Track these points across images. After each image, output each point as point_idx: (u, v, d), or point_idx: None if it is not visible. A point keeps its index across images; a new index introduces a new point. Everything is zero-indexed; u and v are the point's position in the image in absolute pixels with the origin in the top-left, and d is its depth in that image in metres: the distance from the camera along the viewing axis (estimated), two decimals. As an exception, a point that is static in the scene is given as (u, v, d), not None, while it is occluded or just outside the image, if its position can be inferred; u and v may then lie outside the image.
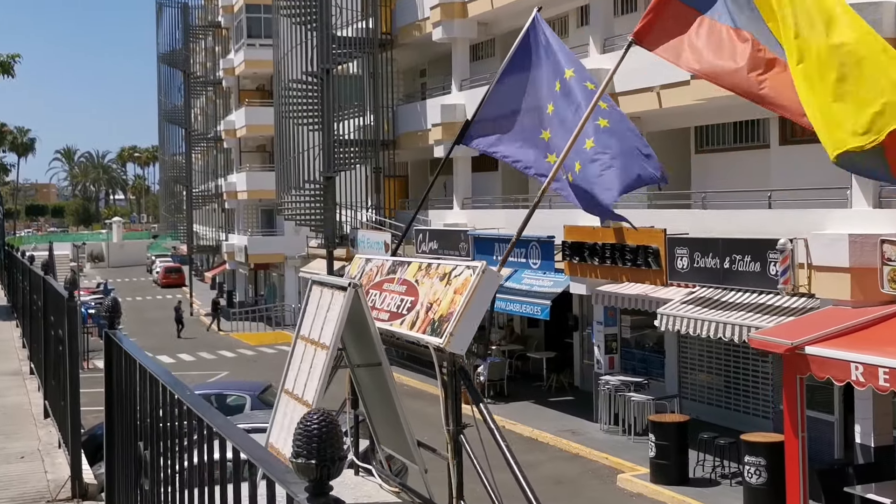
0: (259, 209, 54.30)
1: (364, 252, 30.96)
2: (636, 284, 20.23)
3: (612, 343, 22.78)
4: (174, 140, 65.65)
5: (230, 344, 42.39)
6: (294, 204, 34.75)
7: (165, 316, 57.93)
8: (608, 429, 21.87)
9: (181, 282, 79.33)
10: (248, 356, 37.32)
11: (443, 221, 29.40)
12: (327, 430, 2.20)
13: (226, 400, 20.69)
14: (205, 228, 63.33)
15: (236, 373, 32.73)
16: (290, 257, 49.12)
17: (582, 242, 21.23)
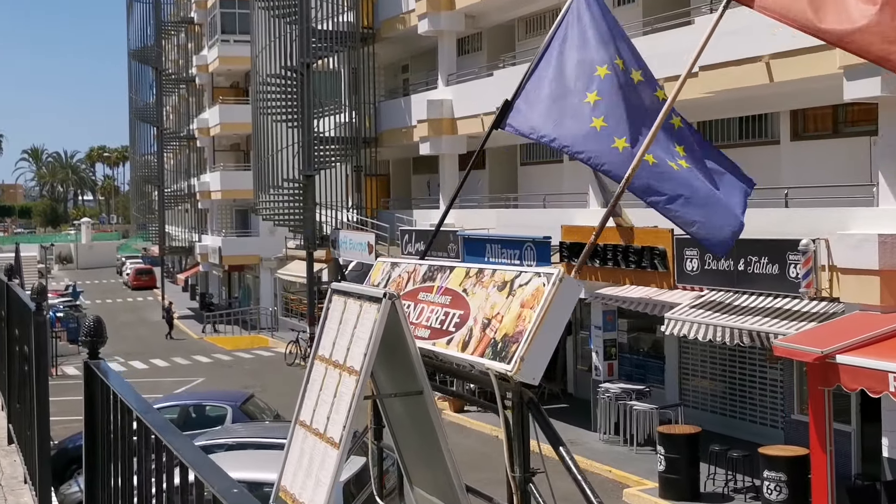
0: (233, 209, 52.96)
1: (346, 253, 29.77)
2: (640, 287, 19.21)
3: (611, 349, 21.74)
4: (145, 139, 64.09)
5: (205, 349, 41.02)
6: (272, 203, 33.49)
7: (137, 319, 56.47)
8: (608, 439, 20.84)
9: (152, 284, 77.76)
10: (225, 361, 36.00)
11: (429, 221, 28.24)
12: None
13: (205, 410, 19.49)
14: (177, 229, 61.81)
15: (213, 379, 31.43)
16: (265, 259, 47.90)
17: (581, 243, 20.13)
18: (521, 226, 23.71)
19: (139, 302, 68.99)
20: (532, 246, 21.87)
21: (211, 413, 19.48)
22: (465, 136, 27.85)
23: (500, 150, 29.29)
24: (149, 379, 31.30)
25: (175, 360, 36.99)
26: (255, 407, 19.71)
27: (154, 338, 46.80)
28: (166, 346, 42.85)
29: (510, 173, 29.21)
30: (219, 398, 20.03)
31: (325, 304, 5.70)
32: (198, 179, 54.97)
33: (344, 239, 30.36)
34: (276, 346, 39.33)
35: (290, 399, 22.74)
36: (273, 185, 32.31)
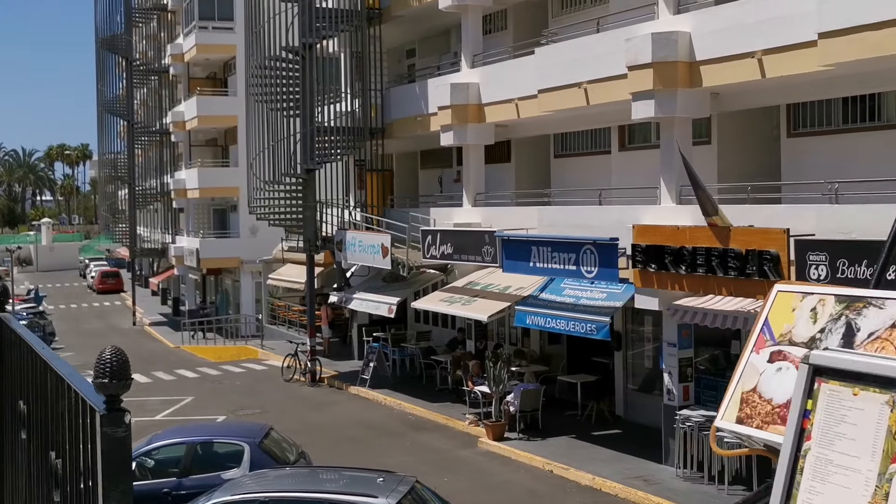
0: (211, 209, 49.46)
1: (355, 257, 26.42)
2: (739, 300, 16.06)
3: (687, 369, 18.60)
4: (114, 134, 60.36)
5: (188, 361, 37.42)
6: (267, 202, 30.04)
7: (106, 327, 52.74)
8: (687, 475, 17.72)
9: (119, 287, 74.10)
10: (213, 376, 32.47)
11: (451, 221, 24.98)
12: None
13: (217, 448, 16.12)
14: (147, 230, 58.03)
15: (203, 398, 27.94)
16: (246, 261, 44.51)
17: (661, 246, 16.99)
18: (570, 225, 20.56)
19: (107, 307, 65.11)
20: (593, 249, 18.70)
21: (224, 451, 16.13)
22: (492, 125, 24.65)
23: (529, 140, 26.13)
24: (130, 398, 27.62)
25: (157, 374, 33.40)
26: (274, 444, 16.33)
27: (128, 347, 42.84)
28: (144, 358, 39.15)
29: (541, 167, 26.03)
30: (233, 433, 16.65)
31: (798, 391, 2.43)
32: (172, 177, 51.34)
33: (352, 241, 26.99)
34: (266, 357, 35.84)
35: (298, 424, 19.08)
36: (269, 180, 28.86)
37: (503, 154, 26.95)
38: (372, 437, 22.37)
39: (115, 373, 3.11)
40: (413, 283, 26.57)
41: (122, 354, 3.31)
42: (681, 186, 18.26)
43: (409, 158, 32.35)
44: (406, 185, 32.25)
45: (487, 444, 20.97)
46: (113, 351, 3.21)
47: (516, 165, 26.66)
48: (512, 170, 26.77)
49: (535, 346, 25.60)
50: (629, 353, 22.54)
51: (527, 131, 25.12)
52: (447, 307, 23.08)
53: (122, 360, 3.33)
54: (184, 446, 15.77)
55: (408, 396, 25.90)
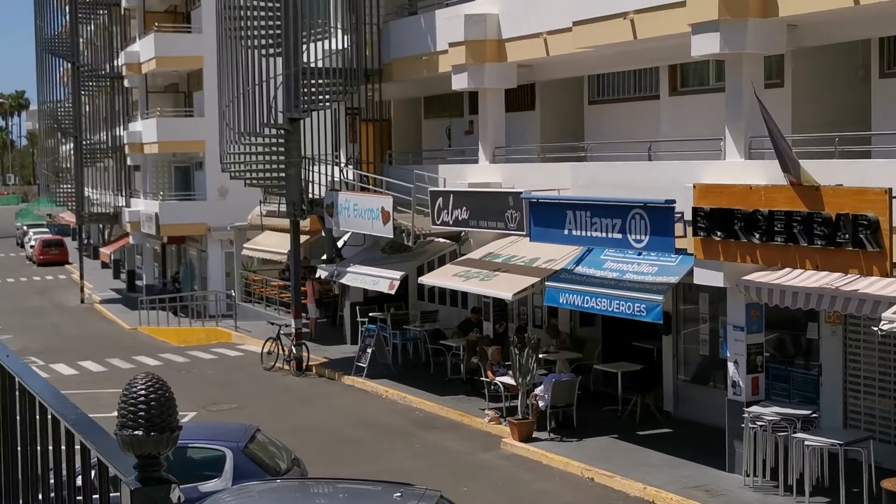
0: (172, 166, 48.65)
1: (349, 223, 25.71)
2: (824, 274, 15.33)
3: (756, 357, 17.86)
4: (56, 79, 59.40)
5: (147, 345, 36.70)
6: (242, 158, 29.20)
7: (50, 304, 52.06)
8: (758, 484, 17.07)
9: (63, 258, 73.51)
10: (179, 364, 31.76)
11: (464, 181, 24.19)
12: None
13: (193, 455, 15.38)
14: (97, 191, 57.17)
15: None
16: (214, 228, 43.88)
17: (730, 210, 16.22)
18: (612, 185, 19.80)
19: (49, 282, 64.40)
20: (643, 213, 17.96)
21: (201, 458, 15.43)
22: (515, 65, 23.81)
23: (558, 84, 25.32)
24: (82, 390, 27.03)
25: (111, 361, 32.69)
26: (261, 449, 15.64)
27: (77, 329, 42.41)
28: (95, 341, 38.47)
29: (572, 115, 25.21)
30: (211, 436, 15.93)
31: None
32: (125, 129, 50.45)
33: (345, 203, 26.20)
34: (241, 341, 35.15)
35: (283, 423, 18.22)
36: (245, 132, 28.00)
37: (525, 100, 26.12)
38: (374, 438, 21.71)
39: (154, 419, 2.36)
40: (419, 255, 25.83)
41: (162, 388, 2.54)
42: (750, 138, 17.49)
43: (411, 106, 31.50)
44: (407, 137, 31.42)
45: (513, 445, 20.30)
46: (150, 383, 2.45)
47: (542, 114, 25.84)
48: (536, 119, 25.96)
49: (565, 328, 24.90)
50: (680, 338, 21.84)
51: (556, 72, 24.28)
52: (462, 283, 22.34)
53: (163, 398, 2.57)
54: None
55: (413, 388, 25.23)
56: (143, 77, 48.69)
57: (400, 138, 31.40)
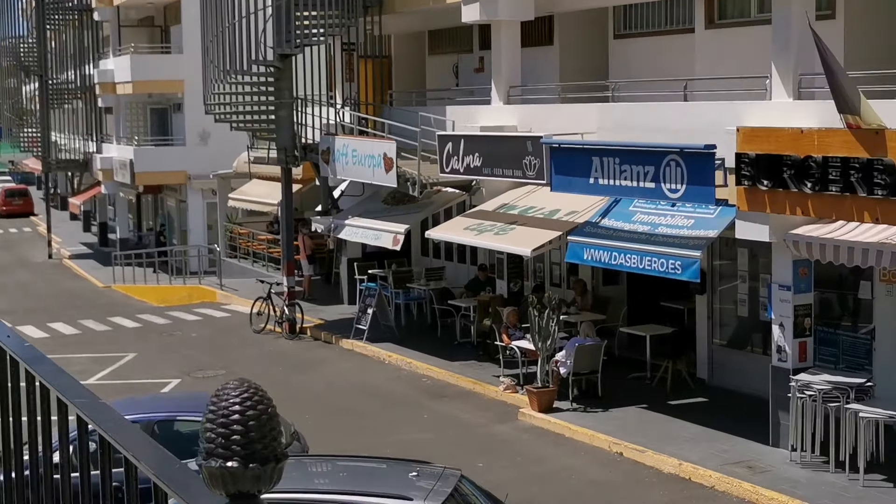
0: (148, 108, 48.07)
1: (347, 170, 25.38)
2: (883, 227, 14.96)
3: (804, 320, 17.50)
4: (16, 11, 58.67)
5: (123, 305, 36.35)
6: (228, 98, 28.69)
7: (15, 260, 51.77)
8: (806, 460, 16.78)
9: (28, 209, 73.20)
10: (159, 326, 31.42)
11: (476, 124, 23.72)
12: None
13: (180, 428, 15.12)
14: (65, 136, 56.59)
15: (149, 357, 26.94)
16: (195, 176, 43.46)
17: (778, 156, 15.79)
18: (642, 129, 19.41)
19: (13, 235, 64.04)
20: (680, 159, 17.52)
21: (191, 432, 15.05)
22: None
23: (579, 16, 24.78)
24: (54, 355, 26.48)
25: (85, 323, 32.35)
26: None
27: (45, 287, 42.04)
28: (66, 301, 38.13)
29: (595, 51, 24.72)
30: (202, 407, 15.41)
31: None
32: (96, 67, 49.76)
33: (343, 149, 25.72)
34: (227, 301, 34.81)
35: (277, 391, 17.29)
36: (231, 70, 27.46)
37: (542, 34, 25.61)
38: (378, 408, 21.41)
39: (254, 445, 1.97)
40: (425, 206, 25.40)
41: (264, 402, 2.15)
42: (800, 75, 17.03)
43: (414, 41, 30.96)
44: (409, 76, 30.91)
45: (532, 416, 20.00)
46: (247, 394, 2.06)
47: (561, 49, 25.34)
48: (554, 55, 25.46)
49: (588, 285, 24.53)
50: (715, 297, 21.48)
51: (578, 2, 23.76)
52: (475, 237, 21.95)
53: (265, 414, 2.17)
54: (137, 426, 14.68)
55: (419, 353, 24.92)
56: (114, 9, 48.00)
57: (401, 77, 30.90)
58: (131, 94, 45.84)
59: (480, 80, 27.25)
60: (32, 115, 59.71)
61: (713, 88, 20.01)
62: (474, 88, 27.11)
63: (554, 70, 25.32)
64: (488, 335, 23.92)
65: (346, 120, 28.16)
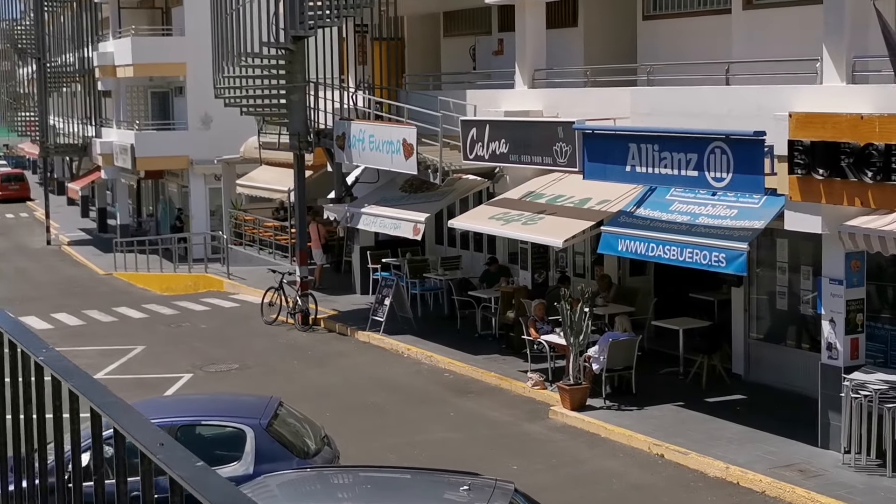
0: (149, 92, 47.07)
1: (363, 157, 24.52)
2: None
3: (856, 315, 16.65)
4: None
5: (127, 294, 35.42)
6: (238, 82, 27.72)
7: (13, 246, 50.88)
8: (861, 464, 15.94)
9: (24, 194, 72.31)
10: (167, 317, 30.48)
11: (498, 108, 22.80)
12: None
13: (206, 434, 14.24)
14: (63, 120, 55.58)
15: (158, 349, 26.04)
16: (197, 161, 42.50)
17: (837, 143, 14.91)
18: (680, 114, 18.51)
19: (10, 221, 63.11)
20: (725, 147, 16.65)
21: (217, 437, 14.30)
22: (559, -27, 22.34)
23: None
24: (59, 348, 25.66)
25: (89, 314, 31.41)
26: (286, 426, 14.43)
27: (45, 275, 41.12)
28: (67, 289, 37.21)
29: (622, 33, 23.80)
30: (228, 411, 14.72)
31: None
32: (96, 49, 48.73)
33: (359, 135, 24.79)
34: (235, 290, 33.87)
35: (294, 386, 16.84)
36: (242, 53, 26.48)
37: (567, 16, 24.71)
38: (399, 405, 20.54)
39: None
40: (445, 194, 24.48)
41: None
42: (853, 58, 16.13)
43: (429, 23, 30.01)
44: (423, 59, 29.97)
45: (563, 414, 19.13)
46: None
47: (586, 31, 24.43)
48: (579, 37, 24.55)
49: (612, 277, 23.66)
50: (752, 289, 20.61)
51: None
52: (501, 227, 21.06)
53: None
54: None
55: (439, 346, 24.04)
56: (115, -9, 47.07)
57: (415, 60, 29.96)
58: (132, 77, 44.89)
59: (500, 63, 26.35)
60: (29, 98, 58.65)
61: (754, 72, 19.10)
62: (493, 72, 26.21)
63: (578, 53, 24.41)
64: (511, 328, 23.06)
65: (359, 104, 27.20)
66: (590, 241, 22.64)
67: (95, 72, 48.47)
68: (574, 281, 23.45)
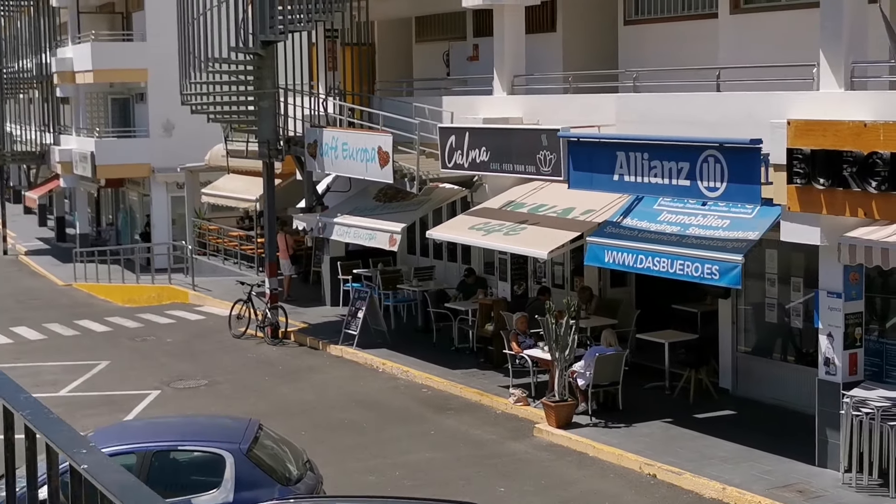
0: (109, 98, 46.11)
1: (336, 165, 23.82)
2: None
3: (856, 329, 16.12)
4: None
5: (88, 306, 34.47)
6: (205, 88, 26.91)
7: (-31, 258, 49.48)
8: (861, 483, 15.42)
9: (-21, 203, 70.44)
10: (132, 330, 29.57)
11: (476, 115, 22.16)
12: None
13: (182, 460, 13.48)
14: (20, 127, 54.39)
15: (123, 364, 25.19)
16: (159, 169, 41.73)
17: (839, 152, 14.36)
18: (668, 121, 17.93)
19: (-36, 230, 61.55)
20: (719, 155, 16.12)
21: (194, 464, 13.56)
22: (539, -22, 21.74)
23: (585, 1, 23.26)
24: (19, 364, 24.91)
25: (50, 327, 30.44)
26: (267, 450, 13.70)
27: (3, 286, 40.09)
28: (25, 301, 36.19)
29: (603, 37, 23.25)
30: (205, 435, 13.97)
31: None
32: (54, 55, 47.68)
33: (332, 142, 24.06)
34: (200, 302, 32.99)
35: (266, 403, 16.25)
36: (209, 58, 25.68)
37: (544, 20, 24.12)
38: (378, 422, 19.81)
39: None
40: (421, 203, 23.79)
41: None
42: (852, 64, 15.61)
43: (399, 28, 29.33)
44: (394, 65, 29.30)
45: (549, 432, 18.49)
46: None
47: (564, 36, 23.86)
48: (558, 43, 23.97)
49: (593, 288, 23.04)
50: (740, 301, 20.06)
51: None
52: (482, 238, 20.40)
53: None
54: (133, 456, 13.04)
55: (414, 360, 23.34)
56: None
57: (386, 66, 29.28)
58: (92, 83, 43.93)
59: (475, 69, 25.74)
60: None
61: (743, 78, 18.56)
62: (469, 78, 25.57)
63: (556, 59, 23.83)
64: (490, 341, 22.41)
65: (329, 110, 26.45)
66: (569, 252, 22.04)
67: (54, 78, 47.44)
68: (553, 292, 22.82)
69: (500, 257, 23.44)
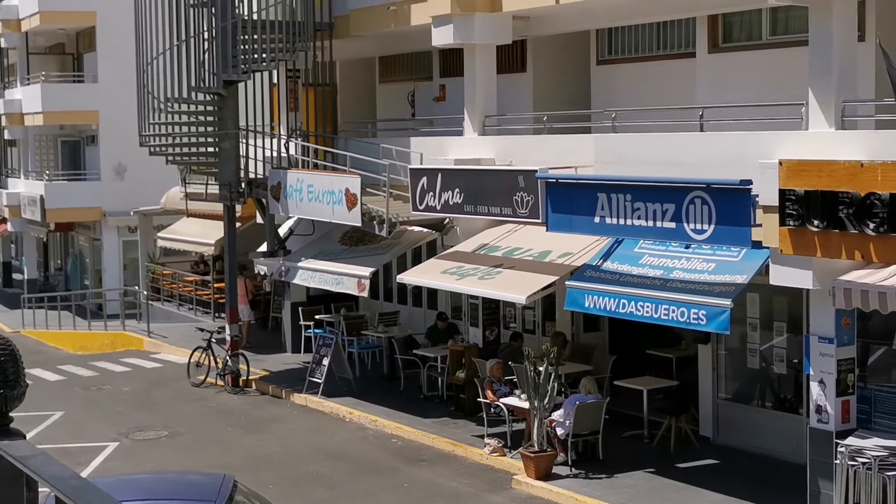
0: (59, 140, 45.19)
1: (301, 208, 23.16)
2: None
3: (847, 375, 15.64)
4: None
5: (39, 353, 33.37)
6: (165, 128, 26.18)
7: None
8: (857, 536, 14.84)
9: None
10: (86, 378, 28.58)
11: (447, 157, 21.61)
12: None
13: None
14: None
15: (78, 415, 24.24)
16: (110, 213, 40.80)
17: (835, 193, 13.92)
18: (649, 162, 17.51)
19: None
20: (706, 196, 15.66)
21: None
22: (510, 16, 21.26)
23: (556, 41, 22.89)
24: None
25: (0, 376, 29.28)
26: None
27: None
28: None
29: (575, 78, 22.82)
30: (178, 493, 13.13)
31: None
32: (2, 97, 46.74)
33: (296, 185, 23.39)
34: (156, 349, 32.05)
35: (230, 455, 15.39)
36: (169, 98, 24.95)
37: (514, 60, 23.67)
38: (348, 475, 19.05)
39: None
40: (389, 247, 23.14)
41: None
42: (843, 103, 15.23)
43: (362, 68, 28.75)
44: (356, 105, 28.66)
45: (529, 483, 17.81)
46: None
47: (535, 76, 23.39)
48: (527, 83, 23.49)
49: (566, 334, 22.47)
50: (720, 346, 19.57)
51: (559, 25, 21.81)
52: (456, 282, 19.78)
53: None
54: None
55: (383, 409, 22.59)
56: (22, 35, 45.21)
57: (348, 106, 28.61)
58: (41, 125, 43.11)
59: (442, 110, 25.21)
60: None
61: (724, 118, 18.16)
62: (436, 118, 25.05)
63: (527, 99, 23.36)
64: (461, 388, 21.75)
65: (291, 151, 25.77)
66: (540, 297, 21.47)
67: (1, 119, 46.48)
68: (525, 338, 22.21)
69: (471, 302, 22.84)
